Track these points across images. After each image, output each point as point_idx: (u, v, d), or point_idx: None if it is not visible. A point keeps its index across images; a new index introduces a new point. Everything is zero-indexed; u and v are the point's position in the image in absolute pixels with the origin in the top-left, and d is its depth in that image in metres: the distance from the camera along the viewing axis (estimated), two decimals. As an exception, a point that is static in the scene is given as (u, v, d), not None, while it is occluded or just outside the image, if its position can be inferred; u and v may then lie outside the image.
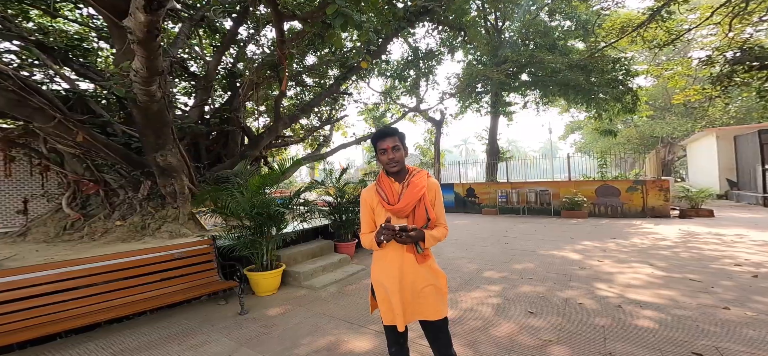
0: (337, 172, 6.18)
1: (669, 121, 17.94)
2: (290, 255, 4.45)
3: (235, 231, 3.86)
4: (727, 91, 5.91)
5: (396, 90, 13.39)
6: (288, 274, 4.19)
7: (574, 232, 6.87)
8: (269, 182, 4.11)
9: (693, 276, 3.65)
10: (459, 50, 12.44)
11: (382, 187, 1.51)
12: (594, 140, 21.06)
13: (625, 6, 10.12)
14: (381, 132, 1.49)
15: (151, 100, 3.99)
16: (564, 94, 10.68)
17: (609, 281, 3.63)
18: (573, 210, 9.18)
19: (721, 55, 6.00)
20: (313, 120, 9.69)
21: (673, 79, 10.17)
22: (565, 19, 11.49)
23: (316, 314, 3.19)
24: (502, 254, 5.20)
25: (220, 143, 6.96)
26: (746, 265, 3.98)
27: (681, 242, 5.48)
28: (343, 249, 5.21)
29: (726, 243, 5.32)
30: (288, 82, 6.29)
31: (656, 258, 4.53)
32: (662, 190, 8.66)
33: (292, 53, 4.45)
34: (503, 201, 10.43)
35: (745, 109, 14.84)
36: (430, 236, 1.44)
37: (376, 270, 1.52)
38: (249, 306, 3.41)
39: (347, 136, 11.72)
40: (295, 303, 3.50)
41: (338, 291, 3.84)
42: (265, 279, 3.76)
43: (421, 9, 5.47)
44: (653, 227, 7.11)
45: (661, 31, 7.50)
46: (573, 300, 3.12)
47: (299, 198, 4.49)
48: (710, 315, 2.58)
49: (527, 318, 2.79)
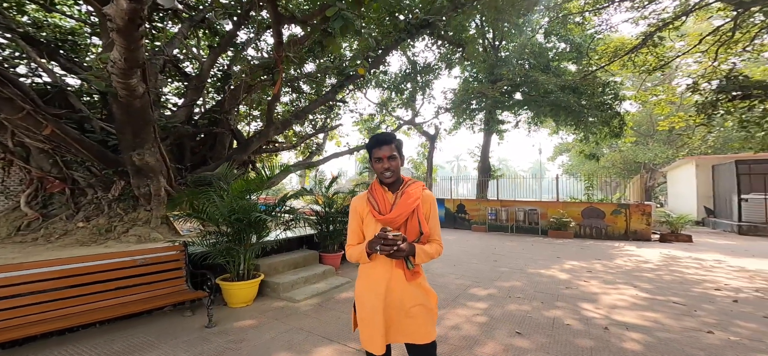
0: (328, 180, 6.08)
1: (651, 147, 18.71)
2: (270, 265, 4.25)
3: (210, 237, 3.67)
4: (710, 119, 6.17)
5: (392, 102, 13.53)
6: (266, 285, 3.98)
7: (560, 252, 6.90)
8: (253, 187, 3.96)
9: (676, 299, 3.67)
10: (456, 66, 12.77)
11: (374, 196, 1.41)
12: (580, 163, 21.72)
13: (618, 30, 10.66)
14: (377, 138, 1.40)
15: (132, 95, 3.83)
16: (555, 115, 11.01)
17: (595, 301, 3.60)
18: (559, 231, 9.28)
19: (706, 82, 6.31)
20: (306, 127, 9.60)
21: (659, 105, 10.65)
22: (560, 41, 11.98)
23: (293, 328, 3.00)
24: (490, 271, 5.13)
25: (206, 145, 6.77)
26: (726, 290, 4.04)
27: (663, 265, 5.56)
28: (328, 260, 5.05)
29: (706, 268, 5.42)
30: (282, 87, 6.23)
31: (640, 280, 4.56)
32: (645, 215, 8.89)
33: (289, 56, 4.41)
34: (492, 219, 10.48)
35: (722, 140, 15.63)
36: (422, 251, 1.34)
37: (360, 285, 1.42)
38: (219, 319, 3.19)
39: (341, 145, 11.66)
40: (270, 316, 3.31)
41: (320, 304, 3.67)
42: (240, 290, 3.55)
43: (422, 22, 5.57)
44: (636, 250, 7.22)
45: (651, 56, 7.87)
46: (560, 320, 3.06)
47: (285, 205, 4.34)
48: (694, 338, 2.56)
49: (513, 338, 2.71)
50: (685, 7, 6.58)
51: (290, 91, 7.89)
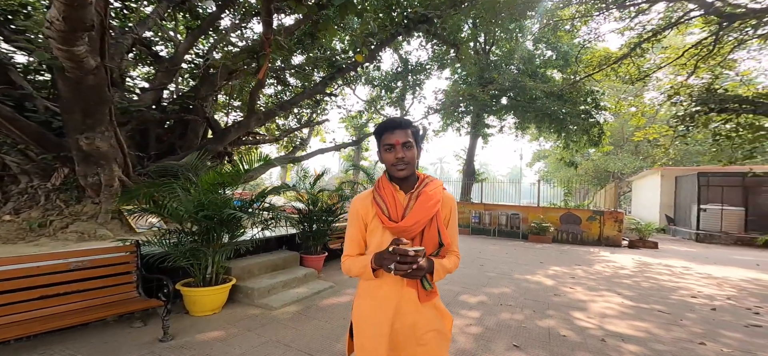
0: (312, 177, 5.73)
1: (621, 157, 19.95)
2: (244, 268, 3.85)
3: (171, 236, 3.23)
4: (688, 131, 6.51)
5: (381, 99, 13.25)
6: (238, 290, 3.58)
7: (542, 257, 7.01)
8: (228, 181, 3.53)
9: (659, 307, 3.74)
10: (448, 68, 12.73)
11: (382, 196, 1.12)
12: (557, 170, 22.73)
13: (605, 40, 11.12)
14: (389, 120, 1.12)
15: (80, 67, 3.24)
16: (539, 121, 11.29)
17: (584, 310, 3.58)
18: (539, 235, 9.52)
19: (687, 94, 6.63)
20: (291, 121, 9.09)
21: (635, 116, 11.23)
22: (548, 48, 12.27)
23: (269, 341, 2.66)
24: (478, 276, 5.04)
25: (176, 133, 6.14)
26: (701, 297, 4.22)
27: (638, 272, 5.79)
28: (309, 262, 4.73)
29: (676, 274, 5.71)
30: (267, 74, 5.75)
31: (621, 287, 4.67)
32: (617, 222, 9.34)
33: (278, 39, 3.99)
34: (476, 222, 10.57)
35: (683, 152, 16.93)
36: (442, 267, 1.09)
37: (362, 306, 1.14)
38: (178, 330, 2.76)
39: (326, 141, 11.21)
40: (242, 327, 2.93)
41: (300, 312, 3.34)
42: (205, 297, 3.13)
43: (421, 17, 5.36)
44: (610, 255, 7.53)
45: (633, 67, 8.19)
46: (555, 331, 2.98)
47: (263, 201, 3.94)
48: (690, 350, 2.56)
49: (512, 352, 2.57)
50: (668, 19, 6.89)
51: (275, 82, 7.39)
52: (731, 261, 7.36)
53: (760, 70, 12.43)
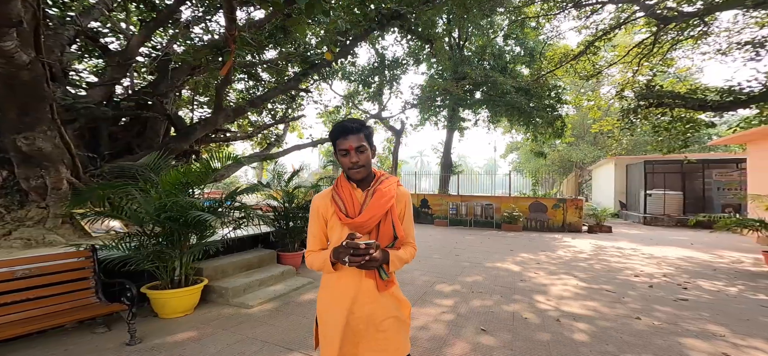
0: (288, 174, 5.67)
1: (582, 148, 21.55)
2: (217, 268, 3.80)
3: (130, 239, 3.13)
4: (632, 124, 7.23)
5: (359, 95, 13.16)
6: (211, 291, 3.56)
7: (513, 245, 7.52)
8: (195, 180, 3.44)
9: (607, 287, 4.22)
10: (424, 63, 12.90)
11: (340, 195, 1.20)
12: (527, 160, 24.09)
13: (565, 38, 11.81)
14: (342, 126, 1.15)
15: (11, 63, 2.95)
16: (509, 115, 11.87)
17: (545, 293, 3.94)
18: (511, 224, 10.14)
19: (631, 90, 7.33)
20: (264, 117, 8.76)
21: (592, 110, 12.18)
22: (517, 44, 12.80)
23: (245, 338, 2.68)
24: (453, 266, 5.33)
25: (133, 131, 5.73)
26: (642, 276, 4.80)
27: (593, 255, 6.42)
28: (287, 259, 4.74)
29: (625, 256, 6.41)
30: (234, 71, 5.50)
31: (578, 270, 5.17)
32: (578, 208, 10.19)
33: (244, 36, 3.82)
34: (453, 213, 11.00)
35: (633, 143, 18.63)
36: (397, 258, 1.17)
37: (323, 298, 1.22)
38: (147, 333, 2.72)
39: (303, 137, 10.97)
40: (217, 326, 2.93)
41: (277, 308, 3.38)
42: (175, 299, 3.08)
43: (393, 13, 5.38)
44: (571, 241, 8.24)
45: (589, 64, 8.89)
46: (519, 314, 3.27)
47: (235, 200, 3.87)
48: (627, 326, 2.95)
49: (480, 336, 2.79)
50: (618, 19, 7.52)
51: (246, 77, 7.07)
52: (670, 241, 8.36)
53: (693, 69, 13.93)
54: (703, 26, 6.60)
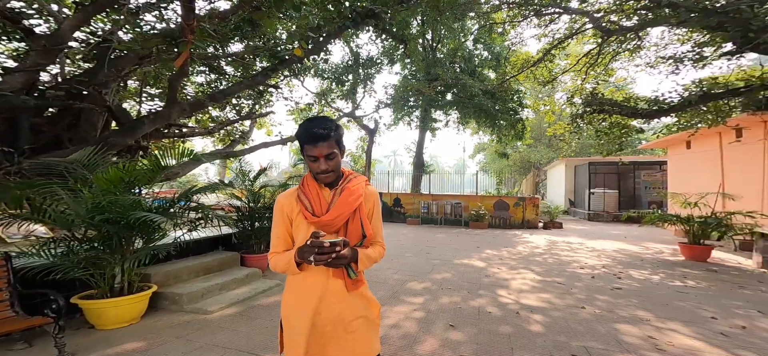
0: (254, 172, 5.43)
1: (539, 149, 23.48)
2: (169, 273, 3.56)
3: (58, 245, 2.81)
4: (579, 128, 8.09)
5: (332, 92, 12.90)
6: (162, 297, 3.33)
7: (479, 242, 7.99)
8: (139, 179, 3.18)
9: (559, 279, 4.70)
10: (398, 63, 13.01)
11: (306, 193, 1.16)
12: (493, 161, 25.61)
13: (527, 45, 12.68)
14: (310, 132, 1.08)
15: None
16: (477, 117, 12.52)
17: (507, 287, 4.28)
18: (478, 222, 10.75)
19: (579, 97, 8.16)
20: (228, 112, 8.15)
21: (548, 114, 13.30)
22: (485, 49, 13.47)
23: (203, 346, 2.55)
24: (424, 264, 5.52)
25: (62, 124, 5.03)
26: (586, 268, 5.42)
27: (547, 250, 7.09)
28: (252, 261, 4.58)
29: (573, 249, 7.17)
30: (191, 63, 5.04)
31: (534, 264, 5.68)
32: (535, 206, 11.13)
33: (204, 27, 3.51)
34: (425, 212, 11.35)
35: (581, 145, 20.75)
36: (366, 257, 1.15)
37: (288, 300, 1.17)
38: (81, 347, 2.49)
39: (272, 134, 10.44)
40: (169, 334, 2.74)
41: (241, 313, 3.25)
42: (116, 308, 2.84)
43: (368, 11, 5.34)
44: (529, 237, 8.99)
45: (545, 71, 9.71)
46: (483, 308, 3.51)
47: (190, 200, 3.61)
48: (575, 315, 3.32)
49: (448, 331, 2.95)
50: (571, 29, 8.32)
51: (207, 70, 6.50)
52: (608, 235, 9.53)
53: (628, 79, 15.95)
54: (637, 40, 7.57)
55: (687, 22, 4.81)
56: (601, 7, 7.41)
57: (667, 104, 6.41)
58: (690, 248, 6.16)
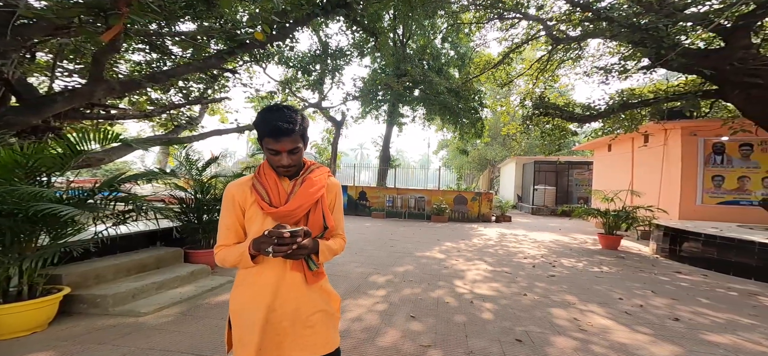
0: (203, 161, 4.99)
1: (494, 148, 25.40)
2: (87, 273, 3.17)
3: None
4: (528, 129, 8.97)
5: (297, 81, 12.21)
6: (79, 300, 2.97)
7: (440, 235, 8.46)
8: (44, 164, 2.74)
9: (506, 269, 5.24)
10: (368, 56, 12.80)
11: (262, 183, 1.09)
12: (454, 157, 26.97)
13: (489, 47, 13.31)
14: (272, 125, 0.99)
15: None
16: (441, 114, 13.01)
17: (463, 278, 4.65)
18: (439, 215, 11.33)
19: (530, 99, 9.00)
20: (173, 96, 7.19)
21: (503, 114, 14.39)
22: (451, 48, 13.92)
23: (134, 351, 2.35)
24: (387, 257, 5.68)
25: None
26: (529, 258, 6.13)
27: (498, 242, 7.81)
28: (199, 257, 4.30)
29: (519, 241, 8.02)
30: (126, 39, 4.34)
31: (487, 255, 6.23)
32: (489, 201, 12.10)
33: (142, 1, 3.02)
34: (390, 206, 11.58)
35: (529, 145, 22.96)
36: (327, 248, 1.11)
37: (239, 296, 1.09)
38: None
39: (227, 122, 9.54)
40: (88, 340, 2.47)
41: (184, 313, 3.05)
42: (12, 315, 2.48)
43: (339, 1, 5.10)
44: (483, 230, 9.79)
45: (504, 73, 10.48)
46: (442, 299, 3.78)
47: (117, 190, 3.21)
48: (518, 302, 3.77)
49: (409, 322, 3.13)
50: (528, 35, 9.09)
51: (148, 48, 5.62)
52: (547, 227, 10.83)
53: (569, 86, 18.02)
54: (579, 50, 8.57)
55: (618, 36, 5.56)
56: (554, 15, 8.17)
57: (597, 110, 7.43)
58: (606, 238, 7.34)
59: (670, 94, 6.70)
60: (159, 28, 4.82)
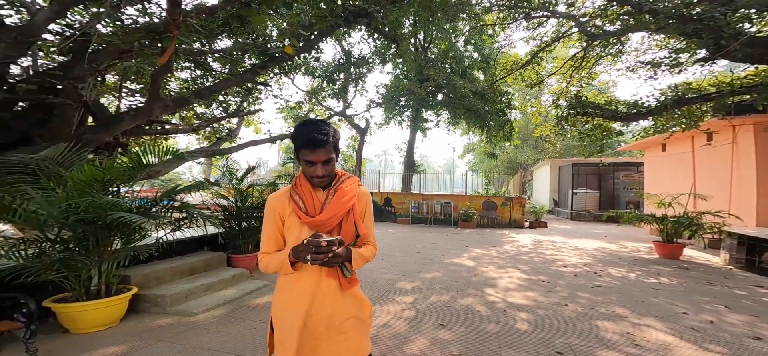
0: (242, 171, 5.35)
1: (525, 150, 24.10)
2: (150, 274, 3.48)
3: (28, 246, 2.72)
4: (564, 130, 8.37)
5: (323, 91, 12.80)
6: (143, 300, 3.26)
7: (468, 241, 8.14)
8: (117, 177, 3.08)
9: (544, 278, 4.86)
10: (389, 62, 13.06)
11: (299, 194, 1.16)
12: (481, 161, 26.09)
13: (516, 47, 12.90)
14: (309, 137, 1.07)
15: None
16: (467, 117, 12.71)
17: (494, 286, 4.39)
18: (467, 221, 10.93)
19: (564, 99, 8.43)
20: (214, 109, 7.96)
21: (534, 115, 13.65)
22: (475, 50, 13.65)
23: (188, 348, 2.51)
24: (414, 263, 5.58)
25: (31, 119, 4.82)
26: (569, 266, 5.63)
27: (533, 249, 7.30)
28: (239, 262, 4.54)
29: (557, 248, 7.42)
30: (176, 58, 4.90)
31: (520, 263, 5.84)
32: (521, 206, 11.43)
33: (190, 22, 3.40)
34: (415, 212, 11.44)
35: (565, 147, 21.44)
36: (359, 256, 1.17)
37: (280, 301, 1.17)
38: (55, 351, 2.41)
39: (260, 133, 10.29)
40: (150, 337, 2.68)
41: (228, 314, 3.21)
42: (92, 312, 2.76)
43: (360, 10, 5.33)
44: (516, 236, 9.23)
45: (533, 73, 9.97)
46: (472, 307, 3.59)
47: (173, 199, 3.54)
48: (558, 313, 3.45)
49: (438, 330, 3.01)
50: (558, 33, 8.58)
51: (193, 66, 6.32)
52: (590, 234, 9.91)
53: (610, 83, 16.60)
54: (619, 45, 7.89)
55: (665, 29, 5.03)
56: (587, 11, 7.66)
57: (645, 108, 6.72)
58: (664, 246, 6.51)
59: (737, 86, 5.84)
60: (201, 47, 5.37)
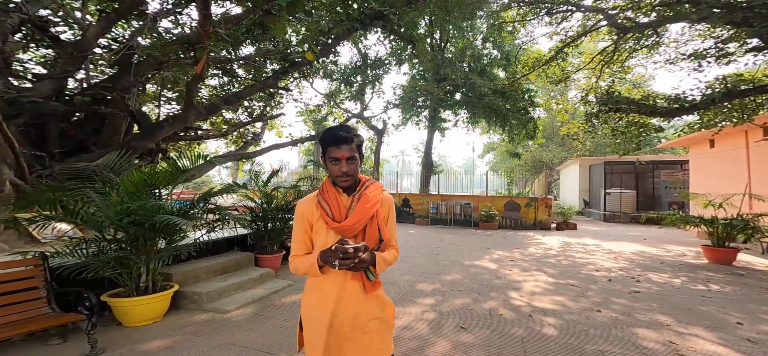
0: (267, 174, 5.56)
1: (551, 149, 22.95)
2: (188, 273, 3.69)
3: (88, 246, 2.96)
4: (594, 127, 7.85)
5: (341, 94, 13.06)
6: (182, 296, 3.45)
7: (489, 243, 7.88)
8: (161, 181, 3.30)
9: (573, 281, 4.58)
10: (406, 63, 13.08)
11: (326, 199, 1.22)
12: (503, 160, 25.23)
13: (538, 43, 12.38)
14: (334, 134, 1.17)
15: None
16: (487, 116, 12.36)
17: (519, 289, 4.20)
18: (488, 222, 10.60)
19: (594, 95, 7.92)
20: (240, 115, 8.43)
21: (560, 113, 12.97)
22: (494, 48, 13.29)
23: (222, 344, 2.63)
24: (434, 265, 5.49)
25: (87, 128, 5.35)
26: (602, 270, 5.26)
27: (561, 251, 6.91)
28: (266, 262, 4.68)
29: (588, 251, 6.97)
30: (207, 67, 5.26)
31: (547, 266, 5.55)
32: (547, 207, 10.88)
33: (219, 32, 3.65)
34: (434, 213, 11.28)
35: (595, 145, 20.17)
36: (382, 260, 1.23)
37: (308, 301, 1.24)
38: (110, 343, 2.61)
39: (282, 136, 10.72)
40: (189, 332, 2.85)
41: (257, 313, 3.33)
42: (141, 306, 2.98)
43: (376, 13, 5.42)
44: (541, 238, 8.79)
45: (558, 69, 9.49)
46: (495, 310, 3.47)
47: (208, 202, 3.76)
48: (590, 318, 3.24)
49: (460, 334, 2.93)
50: (584, 27, 8.10)
51: (221, 73, 6.76)
52: (626, 236, 9.20)
53: (646, 76, 15.38)
54: (655, 37, 7.30)
55: (709, 18, 4.60)
56: (617, 4, 7.18)
57: (689, 102, 6.14)
58: (714, 251, 5.89)
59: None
60: (228, 55, 5.71)
